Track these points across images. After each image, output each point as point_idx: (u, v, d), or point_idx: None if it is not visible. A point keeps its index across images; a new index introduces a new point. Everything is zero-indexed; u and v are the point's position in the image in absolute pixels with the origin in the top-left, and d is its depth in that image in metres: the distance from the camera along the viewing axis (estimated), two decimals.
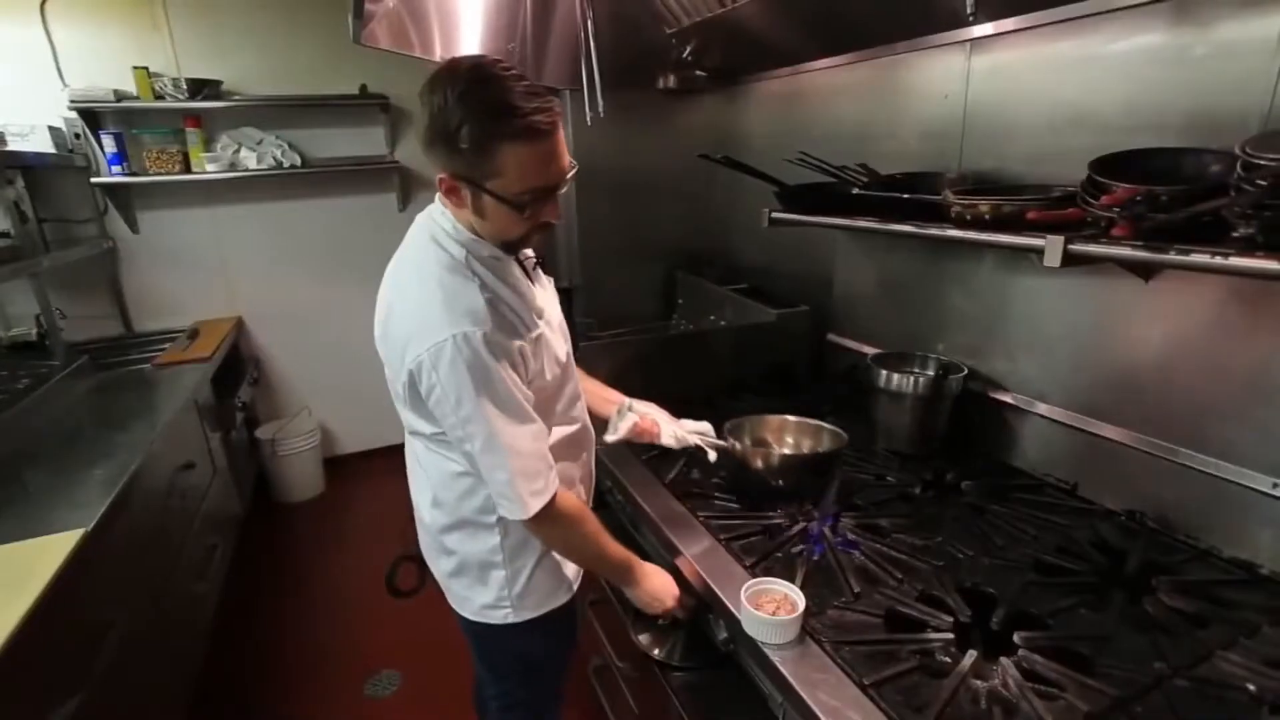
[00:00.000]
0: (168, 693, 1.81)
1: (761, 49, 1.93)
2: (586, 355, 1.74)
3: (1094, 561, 1.08)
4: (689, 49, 1.95)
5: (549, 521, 1.04)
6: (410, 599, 1.32)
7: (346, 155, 3.24)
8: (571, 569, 1.23)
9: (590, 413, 1.32)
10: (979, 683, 0.85)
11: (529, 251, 1.13)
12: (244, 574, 2.70)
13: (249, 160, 3.01)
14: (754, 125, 2.24)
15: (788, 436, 1.43)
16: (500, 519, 1.12)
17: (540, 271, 1.16)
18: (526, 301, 1.05)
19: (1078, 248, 0.95)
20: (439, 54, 1.97)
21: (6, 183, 2.42)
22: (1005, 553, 1.13)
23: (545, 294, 1.15)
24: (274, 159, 3.05)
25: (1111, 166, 0.98)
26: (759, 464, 1.30)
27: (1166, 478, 1.15)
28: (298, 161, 3.11)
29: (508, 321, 0.99)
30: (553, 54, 2.06)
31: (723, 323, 2.10)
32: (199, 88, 2.90)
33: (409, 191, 3.45)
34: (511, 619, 1.18)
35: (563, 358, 1.13)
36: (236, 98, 3.03)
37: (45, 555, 1.29)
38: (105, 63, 2.83)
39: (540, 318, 1.07)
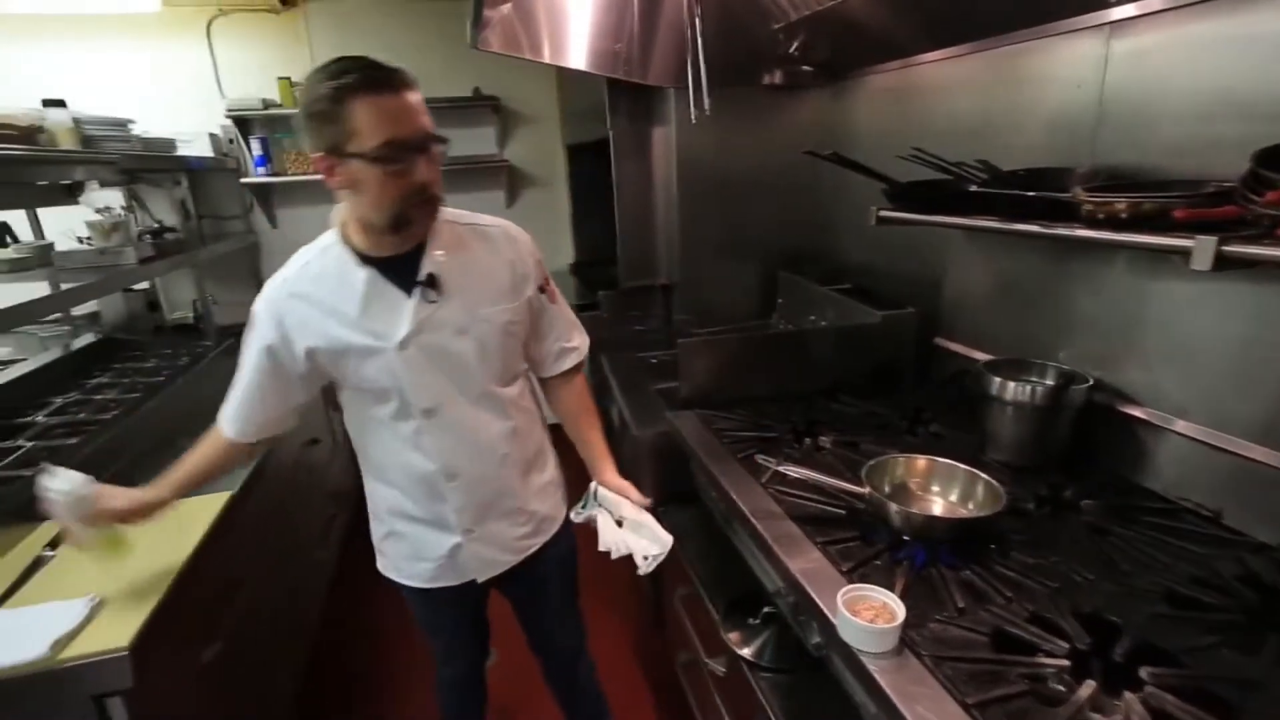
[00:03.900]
0: (289, 649, 1.99)
1: (872, 42, 1.86)
2: (684, 353, 1.76)
3: (1242, 598, 0.97)
4: (796, 44, 1.92)
5: None
6: None
7: (460, 154, 3.43)
8: (420, 568, 1.31)
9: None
10: (1098, 717, 0.79)
11: (433, 268, 1.11)
12: (359, 543, 2.91)
13: None
14: (862, 121, 2.17)
15: (934, 483, 1.27)
16: (368, 475, 1.30)
17: (433, 289, 1.11)
18: (340, 312, 1.10)
19: (1234, 249, 0.86)
20: (547, 56, 2.04)
21: (175, 184, 2.74)
22: (1132, 580, 1.04)
23: (410, 308, 1.10)
24: None
25: (1279, 159, 0.88)
26: (896, 521, 1.14)
27: None
28: None
29: (291, 315, 1.12)
30: (658, 53, 2.09)
31: (823, 323, 2.05)
32: None
33: (517, 189, 3.60)
34: (379, 562, 1.39)
35: (380, 379, 1.13)
36: None
37: (201, 513, 1.47)
38: (256, 74, 3.15)
39: (364, 331, 1.10)
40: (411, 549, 1.30)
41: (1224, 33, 1.11)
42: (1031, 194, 1.22)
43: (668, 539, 1.19)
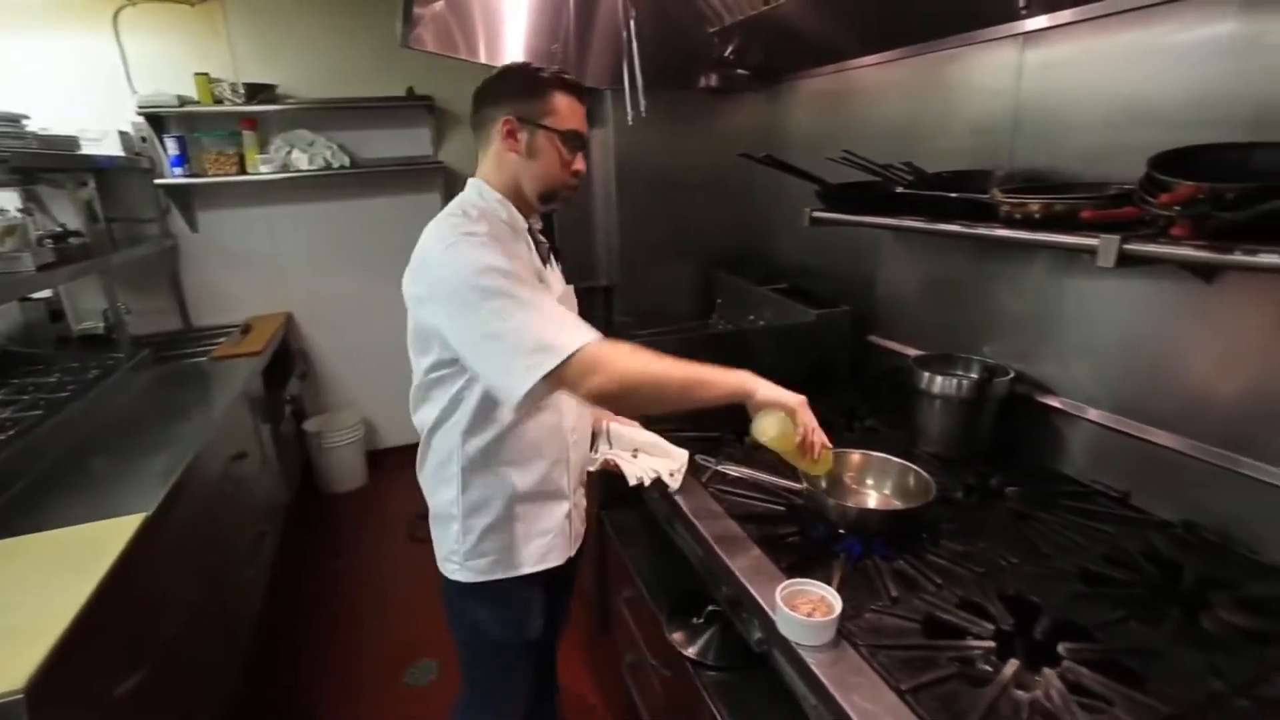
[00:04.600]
0: (219, 674, 1.88)
1: (805, 47, 1.91)
2: None
3: (1146, 573, 1.04)
4: (731, 48, 1.95)
5: (582, 373, 1.00)
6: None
7: (393, 156, 3.33)
8: (533, 548, 1.23)
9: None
10: (1020, 693, 0.83)
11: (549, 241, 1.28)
12: (290, 560, 2.80)
13: (300, 161, 3.11)
14: (797, 124, 2.22)
15: (868, 477, 1.31)
16: (460, 471, 1.18)
17: (555, 259, 1.30)
18: (524, 259, 1.15)
19: (1134, 247, 0.92)
20: (483, 56, 2.00)
21: (80, 185, 2.56)
22: (1051, 561, 1.09)
23: (554, 274, 1.28)
24: (324, 160, 3.15)
25: (1173, 163, 0.94)
26: (833, 515, 1.18)
27: (1227, 488, 1.10)
28: (346, 162, 3.20)
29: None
30: (595, 54, 2.08)
31: (761, 323, 2.09)
32: (255, 91, 3.01)
33: (452, 191, 3.50)
34: (458, 576, 1.24)
35: None
36: (290, 101, 3.13)
37: (111, 537, 1.37)
38: (170, 69, 2.97)
39: (541, 277, 1.18)
40: (524, 528, 1.24)
41: (1127, 44, 1.19)
42: (954, 195, 1.27)
43: (683, 453, 1.39)
